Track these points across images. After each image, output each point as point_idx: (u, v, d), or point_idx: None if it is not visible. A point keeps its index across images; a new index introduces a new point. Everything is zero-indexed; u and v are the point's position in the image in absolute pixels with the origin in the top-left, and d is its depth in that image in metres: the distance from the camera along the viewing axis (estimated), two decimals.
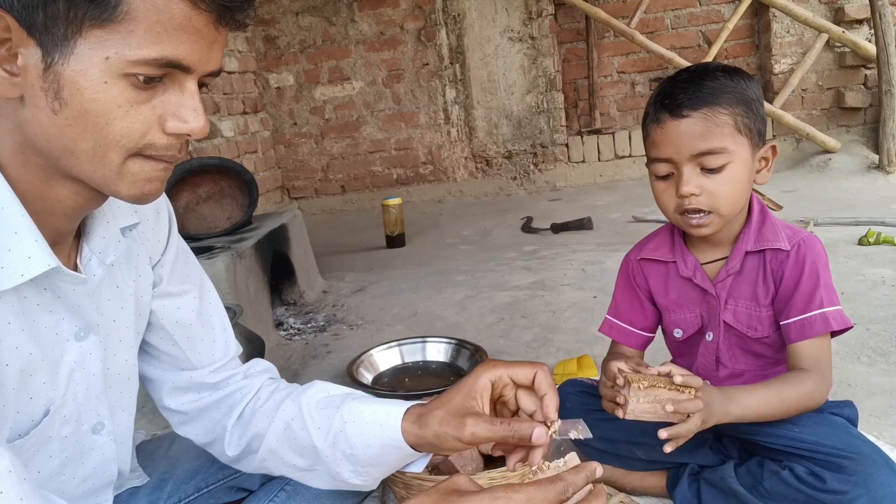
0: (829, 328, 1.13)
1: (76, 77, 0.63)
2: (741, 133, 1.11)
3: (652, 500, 1.33)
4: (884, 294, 2.27)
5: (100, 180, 0.69)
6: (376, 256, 3.68)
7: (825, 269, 1.17)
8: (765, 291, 1.20)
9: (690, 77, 1.13)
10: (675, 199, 1.14)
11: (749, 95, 1.13)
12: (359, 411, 0.89)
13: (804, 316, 1.14)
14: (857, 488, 1.03)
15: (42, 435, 0.78)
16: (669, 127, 1.11)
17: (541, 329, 2.35)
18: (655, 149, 1.15)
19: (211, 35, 0.67)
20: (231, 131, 4.26)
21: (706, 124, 1.09)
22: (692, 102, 1.10)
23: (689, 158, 1.11)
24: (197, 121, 0.69)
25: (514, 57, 4.82)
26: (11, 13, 0.62)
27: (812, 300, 1.14)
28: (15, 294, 0.71)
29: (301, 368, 2.27)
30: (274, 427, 0.93)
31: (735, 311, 1.22)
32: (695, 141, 1.10)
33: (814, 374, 1.13)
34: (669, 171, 1.14)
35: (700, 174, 1.12)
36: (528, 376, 0.85)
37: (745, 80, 1.14)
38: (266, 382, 1.02)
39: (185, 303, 0.96)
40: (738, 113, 1.11)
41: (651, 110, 1.16)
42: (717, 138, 1.10)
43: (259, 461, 0.96)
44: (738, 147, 1.11)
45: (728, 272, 1.22)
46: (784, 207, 3.00)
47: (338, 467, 0.90)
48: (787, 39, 4.59)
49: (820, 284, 1.15)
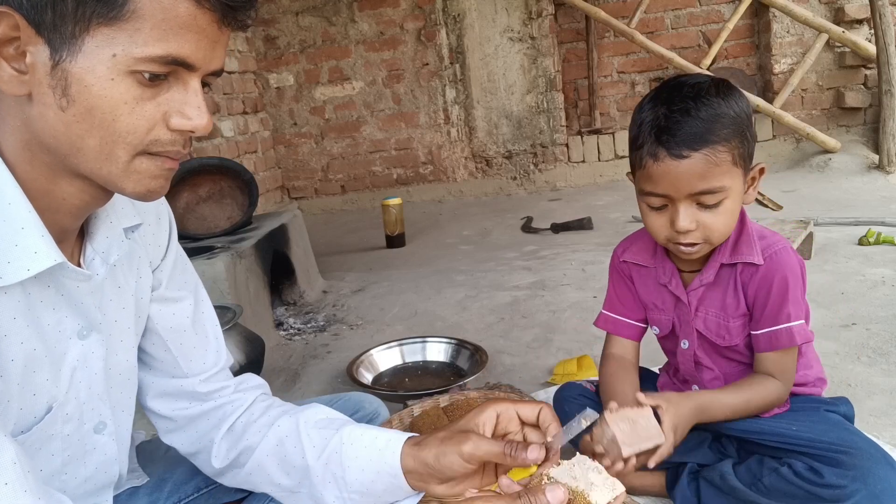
0: (794, 343, 1.15)
1: (84, 74, 0.64)
2: (738, 165, 1.09)
3: (651, 499, 1.33)
4: (884, 294, 2.27)
5: (106, 177, 0.70)
6: (376, 256, 3.68)
7: (796, 282, 1.16)
8: (734, 303, 1.20)
9: (685, 105, 1.06)
10: (669, 230, 1.13)
11: (743, 120, 1.09)
12: (359, 434, 0.88)
13: (771, 329, 1.16)
14: (854, 482, 1.03)
15: (44, 432, 0.78)
16: (668, 166, 1.07)
17: (541, 329, 2.35)
18: (650, 183, 1.11)
19: (214, 34, 0.68)
20: (231, 131, 4.26)
21: (707, 164, 1.06)
22: (692, 141, 1.05)
23: (686, 196, 1.09)
24: (201, 118, 0.70)
25: (514, 57, 4.82)
26: (20, 12, 0.62)
27: (780, 314, 1.15)
28: (21, 289, 0.71)
29: (301, 368, 2.27)
30: (266, 442, 0.93)
31: (706, 319, 1.24)
32: (694, 181, 1.07)
33: (774, 381, 1.18)
34: (664, 203, 1.12)
35: (696, 209, 1.10)
36: (532, 413, 0.85)
37: (737, 99, 1.10)
38: (260, 397, 1.01)
39: (181, 309, 0.96)
40: (735, 146, 1.08)
41: (646, 140, 1.09)
42: (717, 178, 1.07)
43: (245, 476, 0.95)
44: (734, 180, 1.10)
45: (701, 282, 1.22)
46: (784, 207, 3.00)
47: (324, 489, 0.88)
48: (787, 39, 4.60)
49: (788, 300, 1.15)
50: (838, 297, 2.28)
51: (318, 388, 2.09)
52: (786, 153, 4.56)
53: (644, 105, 1.13)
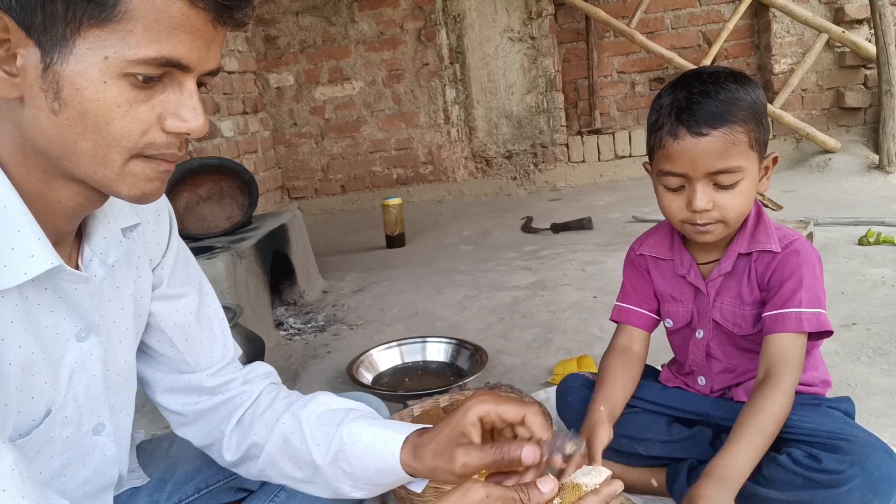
0: (801, 328, 1.13)
1: (75, 77, 0.63)
2: (753, 149, 1.12)
3: (651, 497, 1.33)
4: (884, 294, 2.27)
5: (101, 180, 0.69)
6: (376, 256, 3.68)
7: (812, 273, 1.16)
8: (749, 290, 1.22)
9: (705, 88, 1.11)
10: (685, 212, 1.15)
11: (759, 107, 1.13)
12: (357, 433, 0.88)
13: (779, 311, 1.16)
14: (852, 468, 1.03)
15: (43, 435, 0.78)
16: (688, 144, 1.10)
17: (541, 329, 2.35)
18: (670, 162, 1.14)
19: (209, 34, 0.67)
20: (231, 131, 4.26)
21: (725, 143, 1.09)
22: (711, 120, 1.09)
23: (704, 175, 1.11)
24: (196, 119, 0.69)
25: (514, 57, 4.82)
26: (10, 13, 0.61)
27: (791, 298, 1.15)
28: (18, 293, 0.71)
29: (301, 368, 2.27)
30: (273, 439, 0.93)
31: (722, 308, 1.25)
32: (713, 160, 1.10)
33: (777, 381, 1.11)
34: (681, 184, 1.15)
35: (713, 189, 1.13)
36: (516, 416, 0.83)
37: (753, 88, 1.14)
38: (267, 388, 1.01)
39: (185, 305, 0.95)
40: (752, 129, 1.11)
41: (665, 121, 1.13)
42: (734, 158, 1.10)
43: (259, 469, 0.96)
44: (750, 163, 1.12)
45: (720, 272, 1.24)
46: (784, 207, 2.99)
47: (338, 483, 0.90)
48: (787, 39, 4.59)
49: (803, 286, 1.15)
50: (838, 297, 2.27)
51: (317, 389, 2.05)
52: (786, 153, 4.56)
53: (663, 93, 1.17)
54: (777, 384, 1.11)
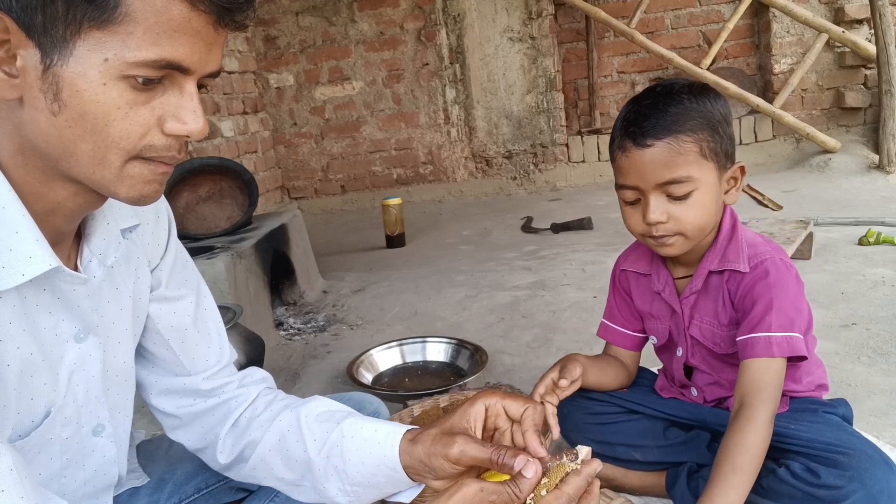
0: (771, 353, 1.09)
1: (75, 79, 0.63)
2: (707, 158, 1.11)
3: (651, 499, 1.33)
4: (884, 294, 2.27)
5: (99, 182, 0.69)
6: (376, 256, 3.68)
7: (783, 295, 1.12)
8: (724, 311, 1.20)
9: (654, 102, 1.12)
10: (643, 225, 1.16)
11: (715, 118, 1.11)
12: (359, 426, 0.88)
13: (749, 336, 1.12)
14: (852, 483, 1.03)
15: (43, 436, 0.78)
16: (634, 156, 1.11)
17: (541, 329, 2.35)
18: (622, 176, 1.16)
19: (210, 36, 0.66)
20: (231, 131, 4.26)
21: (670, 153, 1.09)
22: (655, 131, 1.09)
23: (654, 187, 1.12)
24: (196, 122, 0.69)
25: (514, 57, 4.82)
26: (10, 14, 0.61)
27: (761, 322, 1.11)
28: (16, 294, 0.71)
29: (301, 368, 2.27)
30: (268, 437, 0.93)
31: (700, 326, 1.24)
32: (659, 170, 1.10)
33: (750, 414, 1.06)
34: (636, 197, 1.15)
35: (666, 201, 1.12)
36: (518, 410, 0.84)
37: (712, 100, 1.13)
38: (263, 392, 1.01)
39: (182, 307, 0.95)
40: (703, 138, 1.10)
41: (616, 136, 1.16)
42: (681, 167, 1.09)
43: (249, 470, 0.96)
44: (704, 173, 1.11)
45: (691, 290, 1.23)
46: (784, 207, 3.00)
47: (326, 482, 0.89)
48: (787, 39, 4.59)
49: (773, 309, 1.11)
50: (838, 297, 2.27)
51: (318, 388, 2.09)
52: (786, 153, 4.56)
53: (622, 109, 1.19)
54: (750, 417, 1.06)
